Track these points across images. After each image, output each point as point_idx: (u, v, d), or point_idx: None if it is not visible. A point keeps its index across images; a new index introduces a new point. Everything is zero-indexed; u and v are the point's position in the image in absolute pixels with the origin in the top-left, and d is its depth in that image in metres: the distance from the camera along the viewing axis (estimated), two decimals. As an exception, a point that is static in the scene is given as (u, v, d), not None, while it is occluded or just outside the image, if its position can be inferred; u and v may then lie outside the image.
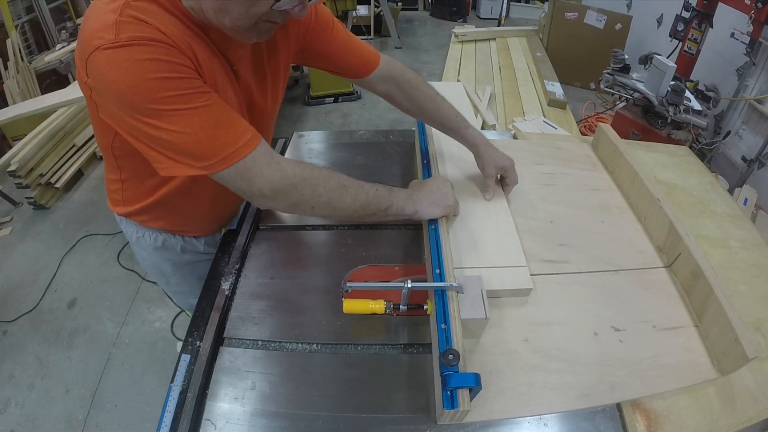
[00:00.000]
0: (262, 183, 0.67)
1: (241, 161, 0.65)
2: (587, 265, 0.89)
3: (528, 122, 2.57)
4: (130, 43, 0.56)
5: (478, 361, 0.72)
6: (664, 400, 0.70)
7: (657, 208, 0.93)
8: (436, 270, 0.77)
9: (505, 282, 0.81)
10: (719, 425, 0.68)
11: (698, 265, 0.79)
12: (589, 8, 3.91)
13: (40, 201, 2.69)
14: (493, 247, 0.88)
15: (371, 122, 3.63)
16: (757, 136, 2.64)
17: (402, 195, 0.82)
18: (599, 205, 1.05)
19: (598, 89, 3.86)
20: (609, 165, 1.16)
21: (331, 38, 0.91)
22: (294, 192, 0.70)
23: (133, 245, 1.07)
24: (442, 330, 0.67)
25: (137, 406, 1.73)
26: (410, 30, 5.82)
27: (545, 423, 0.67)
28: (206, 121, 0.62)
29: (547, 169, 1.15)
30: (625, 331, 0.78)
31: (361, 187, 0.77)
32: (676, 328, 0.79)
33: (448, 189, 0.88)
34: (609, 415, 0.68)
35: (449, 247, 0.81)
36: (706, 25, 2.58)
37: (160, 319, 2.08)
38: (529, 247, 0.91)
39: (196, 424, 0.66)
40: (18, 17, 3.62)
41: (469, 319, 0.68)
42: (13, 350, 1.95)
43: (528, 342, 0.75)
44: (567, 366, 0.72)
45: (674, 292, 0.85)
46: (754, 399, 0.71)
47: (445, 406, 0.58)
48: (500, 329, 0.77)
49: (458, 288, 0.70)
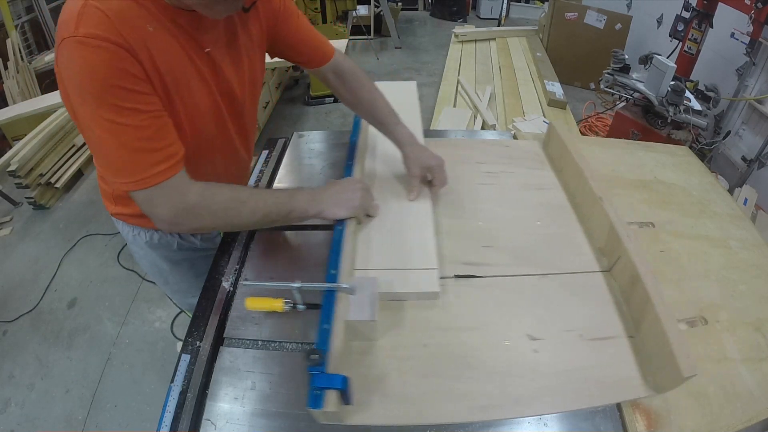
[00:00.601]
0: (164, 212, 0.70)
1: (150, 188, 0.67)
2: (511, 269, 0.85)
3: (528, 122, 2.57)
4: (85, 41, 0.58)
5: (369, 363, 0.69)
6: (664, 400, 0.70)
7: (599, 207, 0.88)
8: (331, 270, 0.75)
9: (411, 285, 0.78)
10: (719, 425, 0.67)
11: (636, 270, 0.74)
12: (589, 8, 3.91)
13: (40, 201, 2.69)
14: (405, 248, 0.86)
15: (371, 122, 3.63)
16: (757, 136, 2.64)
17: (305, 197, 0.83)
18: (540, 204, 1.02)
19: (598, 89, 3.86)
20: (558, 163, 1.13)
21: (298, 26, 0.94)
22: (193, 218, 0.72)
23: (130, 244, 1.07)
24: (324, 330, 0.65)
25: (137, 406, 1.73)
26: (410, 30, 5.82)
27: (545, 423, 0.67)
28: (131, 141, 0.64)
29: (489, 168, 1.12)
30: (542, 340, 0.73)
31: (260, 198, 0.78)
32: (606, 338, 0.73)
33: (357, 190, 0.87)
34: (609, 414, 0.68)
35: (350, 248, 0.80)
36: (706, 25, 2.58)
37: (160, 319, 2.08)
38: (450, 249, 0.89)
39: (196, 424, 0.66)
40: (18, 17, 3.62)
41: (354, 320, 0.66)
42: (13, 350, 1.95)
43: (427, 347, 0.72)
44: (466, 374, 0.68)
45: (610, 299, 0.80)
46: (754, 399, 0.71)
47: (308, 404, 0.56)
48: (400, 332, 0.74)
49: (349, 289, 0.68)
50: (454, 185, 1.01)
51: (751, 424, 0.69)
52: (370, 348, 0.72)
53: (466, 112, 2.76)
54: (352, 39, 5.08)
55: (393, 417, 0.63)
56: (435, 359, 0.70)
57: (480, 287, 0.82)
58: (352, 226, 0.86)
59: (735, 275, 0.92)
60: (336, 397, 0.57)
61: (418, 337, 0.73)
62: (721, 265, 0.94)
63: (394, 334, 0.74)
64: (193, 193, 0.71)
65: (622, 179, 1.16)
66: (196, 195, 0.71)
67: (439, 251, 0.88)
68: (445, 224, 0.95)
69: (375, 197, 0.95)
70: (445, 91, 3.14)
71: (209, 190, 0.73)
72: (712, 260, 0.95)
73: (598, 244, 0.89)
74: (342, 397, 0.59)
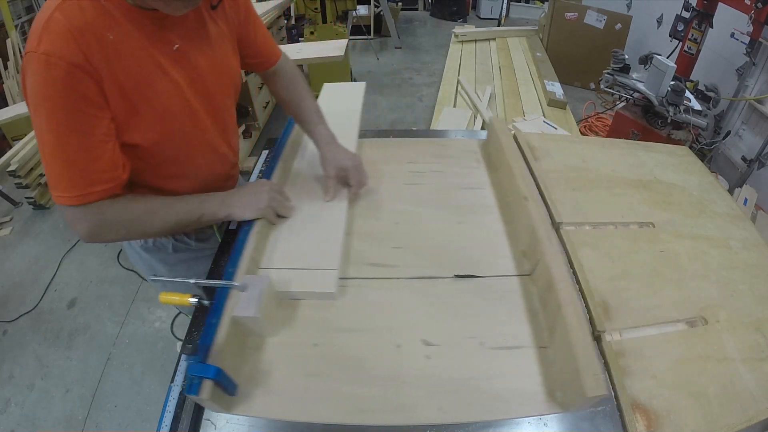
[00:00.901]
0: (83, 228, 0.74)
1: (72, 207, 0.71)
2: (419, 271, 0.83)
3: (528, 122, 2.57)
4: (44, 58, 0.61)
5: (259, 359, 0.70)
6: (664, 400, 0.70)
7: (525, 207, 0.85)
8: (229, 269, 0.78)
9: (308, 284, 0.79)
10: (719, 425, 0.67)
11: (551, 275, 0.69)
12: (589, 8, 3.91)
13: (40, 201, 2.69)
14: (311, 248, 0.86)
15: (371, 122, 3.64)
16: (757, 136, 2.64)
17: (215, 201, 0.87)
18: (466, 205, 0.99)
19: (598, 89, 3.87)
20: (495, 162, 1.10)
21: (256, 29, 0.97)
22: (107, 232, 0.77)
23: (126, 248, 1.07)
24: (210, 324, 0.67)
25: (137, 406, 1.73)
26: (410, 30, 5.82)
27: (545, 423, 0.67)
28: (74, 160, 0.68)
29: (418, 168, 1.10)
30: (438, 346, 0.70)
31: (170, 207, 0.81)
32: (512, 348, 0.70)
33: (263, 192, 0.90)
34: (609, 414, 0.68)
35: (252, 248, 0.81)
36: (706, 25, 2.58)
37: (160, 319, 2.08)
38: (359, 250, 0.88)
39: (196, 424, 0.66)
40: (18, 17, 3.62)
41: (240, 317, 0.67)
42: (13, 350, 1.95)
43: (317, 347, 0.71)
44: (351, 377, 0.67)
45: (523, 306, 0.76)
46: (754, 399, 0.71)
47: (185, 390, 0.59)
48: (292, 331, 0.74)
49: (240, 287, 0.70)
50: (377, 185, 1.01)
51: (751, 424, 0.69)
52: (263, 344, 0.72)
53: (466, 112, 2.76)
54: (352, 39, 5.09)
55: (272, 411, 0.64)
56: (323, 359, 0.70)
57: (381, 289, 0.80)
58: (258, 226, 0.86)
59: (735, 275, 0.92)
60: (211, 386, 0.58)
61: (310, 336, 0.73)
62: (721, 265, 0.94)
63: (287, 332, 0.74)
64: (109, 209, 0.75)
65: (622, 179, 1.16)
66: (111, 211, 0.75)
67: (347, 252, 0.88)
68: (359, 225, 0.93)
69: (294, 197, 0.97)
70: (445, 91, 3.14)
71: (123, 205, 0.77)
72: (712, 260, 0.94)
73: (522, 247, 0.86)
74: (223, 388, 0.61)
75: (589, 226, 1.00)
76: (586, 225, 1.00)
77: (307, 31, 4.08)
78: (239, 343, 0.71)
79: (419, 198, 1.01)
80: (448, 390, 0.65)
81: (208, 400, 0.58)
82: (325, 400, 0.65)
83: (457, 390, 0.65)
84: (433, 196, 1.02)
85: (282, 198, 0.94)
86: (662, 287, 0.86)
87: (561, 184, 1.11)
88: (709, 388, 0.71)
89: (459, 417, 0.62)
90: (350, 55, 3.87)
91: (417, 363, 0.68)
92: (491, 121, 1.17)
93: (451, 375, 0.67)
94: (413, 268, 0.84)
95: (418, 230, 0.92)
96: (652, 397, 0.69)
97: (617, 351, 0.74)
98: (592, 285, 0.85)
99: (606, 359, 0.73)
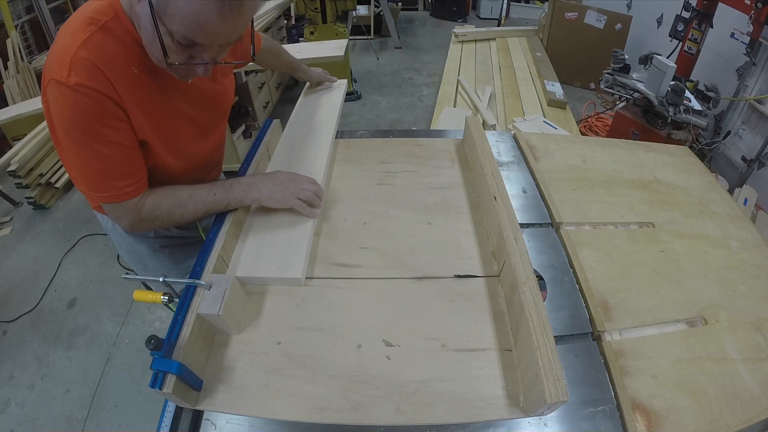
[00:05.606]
0: (124, 222, 0.86)
1: (113, 203, 0.83)
2: (383, 271, 0.83)
3: (528, 122, 2.57)
4: (76, 89, 0.69)
5: (224, 355, 0.71)
6: (664, 400, 0.70)
7: (493, 207, 0.84)
8: (197, 267, 0.79)
9: (276, 270, 0.80)
10: (719, 425, 0.67)
11: (516, 276, 0.68)
12: (589, 8, 3.91)
13: (40, 201, 2.69)
14: (280, 242, 0.86)
15: (371, 122, 3.63)
16: (757, 136, 2.64)
17: (241, 189, 0.90)
18: (437, 205, 0.99)
19: (598, 89, 3.87)
20: (471, 161, 1.09)
21: (246, 35, 1.02)
22: (146, 225, 0.87)
23: (110, 233, 1.13)
24: (176, 320, 0.68)
25: (137, 406, 1.73)
26: (410, 30, 5.82)
27: (545, 423, 0.67)
28: (104, 166, 0.78)
29: (391, 168, 1.10)
30: (398, 347, 0.70)
31: (200, 199, 0.88)
32: (474, 350, 0.69)
33: (296, 182, 0.91)
34: (609, 414, 0.68)
35: (218, 247, 0.81)
36: (706, 25, 2.58)
37: (160, 319, 2.08)
38: (325, 250, 0.88)
39: (196, 424, 0.66)
40: (18, 17, 3.62)
41: (204, 314, 0.68)
42: (13, 350, 1.95)
43: (280, 345, 0.71)
44: (311, 375, 0.67)
45: (488, 308, 0.75)
46: (754, 399, 0.71)
47: (149, 383, 0.60)
48: (257, 329, 0.74)
49: (205, 285, 0.71)
50: (347, 185, 1.01)
51: (751, 424, 0.69)
52: (228, 341, 0.73)
53: (466, 113, 2.76)
54: (352, 39, 5.09)
55: (233, 407, 0.65)
56: (284, 357, 0.70)
57: (345, 289, 0.81)
58: (227, 226, 0.87)
59: (735, 275, 0.92)
60: (175, 381, 0.59)
61: (274, 333, 0.74)
62: (721, 265, 0.94)
63: (252, 330, 0.75)
64: (144, 207, 0.85)
65: (622, 179, 1.16)
66: (146, 209, 0.85)
67: (314, 251, 0.88)
68: (327, 225, 0.93)
69: None
70: (445, 91, 3.14)
71: (155, 201, 0.86)
72: (712, 260, 0.95)
73: (492, 247, 0.85)
74: (188, 383, 0.63)
75: (589, 226, 1.00)
76: (586, 225, 1.00)
77: (307, 31, 4.08)
78: (205, 340, 0.71)
79: (389, 198, 1.01)
80: (408, 391, 0.65)
81: (171, 394, 0.59)
82: (284, 398, 0.65)
83: (416, 392, 0.65)
84: (403, 197, 1.01)
85: (315, 188, 0.92)
86: (662, 287, 0.86)
87: (561, 184, 1.11)
88: (709, 388, 0.71)
89: (417, 419, 0.61)
90: (350, 55, 3.86)
91: (377, 363, 0.68)
92: (466, 119, 1.16)
93: (410, 376, 0.66)
94: (378, 268, 0.84)
95: (386, 231, 0.92)
96: (652, 397, 0.69)
97: (617, 351, 0.74)
98: (592, 285, 0.85)
99: (606, 359, 0.73)
